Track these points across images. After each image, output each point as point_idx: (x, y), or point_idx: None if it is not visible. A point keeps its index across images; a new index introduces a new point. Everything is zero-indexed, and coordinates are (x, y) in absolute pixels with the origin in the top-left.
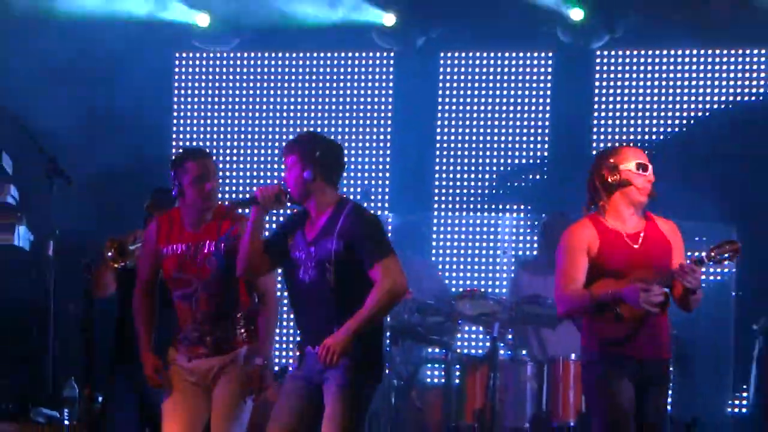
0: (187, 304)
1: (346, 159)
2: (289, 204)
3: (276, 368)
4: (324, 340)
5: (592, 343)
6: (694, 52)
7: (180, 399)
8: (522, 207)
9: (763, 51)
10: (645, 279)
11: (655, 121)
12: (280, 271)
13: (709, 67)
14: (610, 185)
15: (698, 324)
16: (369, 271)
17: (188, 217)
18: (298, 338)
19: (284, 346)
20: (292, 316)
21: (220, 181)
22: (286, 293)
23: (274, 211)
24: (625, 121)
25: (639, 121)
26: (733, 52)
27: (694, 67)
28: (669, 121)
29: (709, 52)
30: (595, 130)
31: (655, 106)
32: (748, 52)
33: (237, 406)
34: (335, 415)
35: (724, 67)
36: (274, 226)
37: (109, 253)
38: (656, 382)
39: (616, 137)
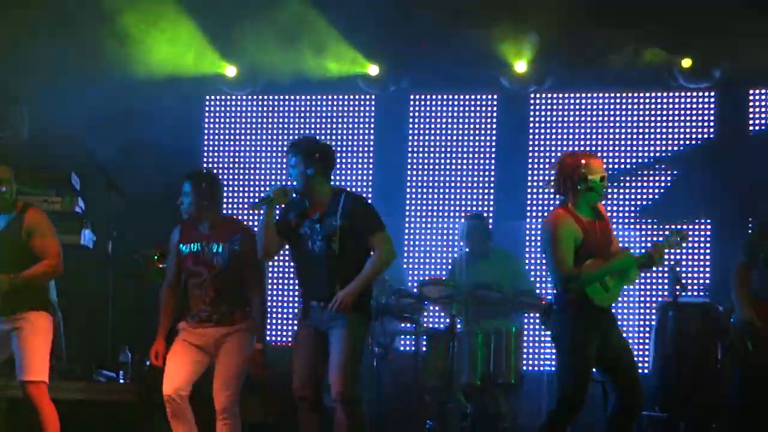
0: (199, 290)
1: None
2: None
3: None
4: (336, 293)
5: (568, 294)
6: (605, 95)
7: (183, 351)
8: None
9: (651, 94)
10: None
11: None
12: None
13: (614, 108)
14: (578, 190)
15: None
16: (368, 240)
17: (200, 222)
18: (301, 294)
19: (279, 322)
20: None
21: (227, 193)
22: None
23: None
24: (553, 147)
25: (566, 148)
26: (633, 95)
27: (605, 108)
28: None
29: (615, 95)
30: (530, 154)
31: (577, 136)
32: (646, 95)
33: (236, 373)
34: (343, 356)
35: (627, 108)
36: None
37: (155, 257)
38: (614, 323)
39: (547, 164)
